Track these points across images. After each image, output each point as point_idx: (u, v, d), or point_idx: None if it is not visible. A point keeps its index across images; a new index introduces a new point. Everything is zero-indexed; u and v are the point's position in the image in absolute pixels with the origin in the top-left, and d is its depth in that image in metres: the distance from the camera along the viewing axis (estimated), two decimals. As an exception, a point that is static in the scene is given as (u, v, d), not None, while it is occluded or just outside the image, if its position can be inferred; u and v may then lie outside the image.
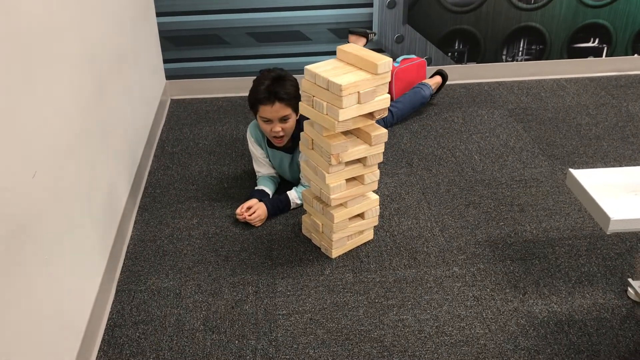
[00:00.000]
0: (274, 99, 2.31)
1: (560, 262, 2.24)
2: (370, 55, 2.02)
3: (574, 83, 3.69)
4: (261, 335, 1.96)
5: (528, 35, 3.64)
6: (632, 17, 3.63)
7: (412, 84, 3.38)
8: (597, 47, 3.73)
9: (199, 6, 3.40)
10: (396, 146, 3.02)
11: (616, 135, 3.09)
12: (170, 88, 3.61)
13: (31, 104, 1.58)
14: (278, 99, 2.31)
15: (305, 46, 3.54)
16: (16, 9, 1.52)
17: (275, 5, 3.43)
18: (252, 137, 2.61)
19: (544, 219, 2.48)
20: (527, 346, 1.90)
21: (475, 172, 2.81)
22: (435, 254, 2.30)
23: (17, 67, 1.50)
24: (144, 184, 2.76)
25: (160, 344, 1.93)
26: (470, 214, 2.52)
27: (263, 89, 2.30)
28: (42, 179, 1.60)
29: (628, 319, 2.00)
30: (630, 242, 2.33)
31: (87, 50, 2.09)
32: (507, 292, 2.11)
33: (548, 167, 2.84)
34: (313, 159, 2.18)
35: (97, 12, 2.27)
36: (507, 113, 3.35)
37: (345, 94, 1.91)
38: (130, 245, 2.37)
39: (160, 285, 2.16)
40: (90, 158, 2.05)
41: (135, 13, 2.94)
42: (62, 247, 1.73)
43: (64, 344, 1.71)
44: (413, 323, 1.99)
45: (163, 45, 3.50)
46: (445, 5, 3.51)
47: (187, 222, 2.49)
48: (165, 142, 3.13)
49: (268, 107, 2.33)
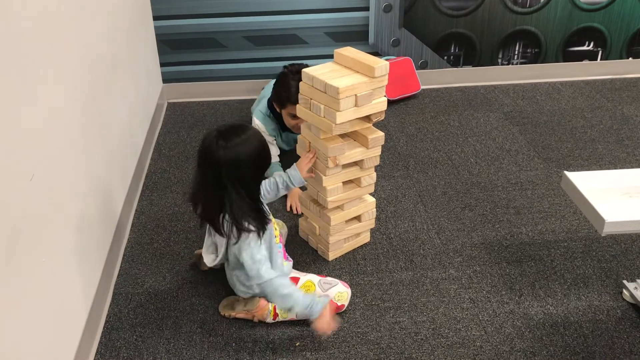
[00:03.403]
0: None
1: (555, 264, 2.25)
2: (368, 58, 2.03)
3: (569, 86, 3.71)
4: (258, 338, 1.96)
5: (523, 39, 3.66)
6: (626, 21, 3.65)
7: (400, 80, 3.45)
8: (592, 50, 3.75)
9: (196, 10, 3.41)
10: (393, 149, 3.03)
11: (611, 138, 3.11)
12: (167, 91, 3.61)
13: (28, 108, 1.58)
14: None
15: (302, 49, 3.55)
16: (13, 12, 1.52)
17: (272, 9, 3.44)
18: (262, 125, 2.70)
19: (540, 222, 2.49)
20: (523, 348, 1.91)
21: (471, 174, 2.82)
22: (432, 256, 2.30)
23: (13, 71, 1.50)
24: (141, 187, 2.76)
25: (157, 346, 1.93)
26: (467, 216, 2.53)
27: (295, 90, 2.30)
28: (39, 181, 1.60)
29: (623, 320, 2.01)
30: (625, 244, 2.35)
31: (84, 53, 2.10)
32: (503, 294, 2.12)
33: (543, 169, 2.85)
34: (310, 161, 2.19)
35: (94, 15, 2.28)
36: (502, 116, 3.37)
37: (343, 97, 1.92)
38: (128, 247, 2.37)
39: (158, 288, 2.17)
40: (87, 161, 2.05)
41: (132, 16, 2.95)
42: (59, 250, 1.74)
43: (61, 346, 1.71)
44: (409, 325, 1.99)
45: (160, 48, 3.50)
46: (441, 9, 3.53)
47: (184, 224, 2.50)
48: (162, 145, 3.13)
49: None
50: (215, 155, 1.77)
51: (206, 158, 1.80)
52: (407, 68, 3.55)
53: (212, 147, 1.78)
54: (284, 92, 2.51)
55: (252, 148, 1.81)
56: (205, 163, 1.81)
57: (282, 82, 2.53)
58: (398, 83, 3.46)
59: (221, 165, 1.77)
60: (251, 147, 1.80)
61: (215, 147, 1.77)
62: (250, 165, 1.80)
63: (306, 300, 1.83)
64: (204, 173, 1.83)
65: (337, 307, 2.00)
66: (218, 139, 1.78)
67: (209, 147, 1.79)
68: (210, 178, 1.80)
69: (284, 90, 2.51)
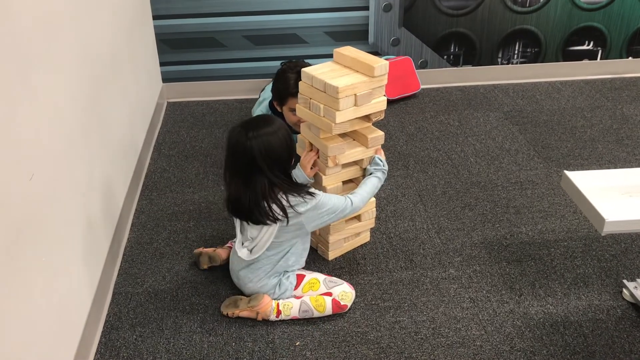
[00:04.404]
0: None
1: (555, 264, 2.25)
2: (367, 57, 2.03)
3: (569, 86, 3.71)
4: (258, 337, 1.96)
5: (523, 38, 3.66)
6: (626, 20, 3.65)
7: (400, 79, 3.44)
8: (591, 49, 3.75)
9: (196, 9, 3.41)
10: (392, 149, 3.03)
11: (611, 138, 3.11)
12: (167, 91, 3.61)
13: (28, 107, 1.58)
14: None
15: (301, 49, 3.55)
16: (13, 12, 1.52)
17: (272, 8, 3.43)
18: None
19: (540, 221, 2.49)
20: (523, 347, 1.91)
21: (471, 174, 2.82)
22: (432, 256, 2.30)
23: (13, 70, 1.50)
24: (141, 187, 2.76)
25: (157, 346, 1.93)
26: (466, 216, 2.53)
27: (293, 82, 2.35)
28: (39, 181, 1.60)
29: (623, 320, 2.01)
30: (625, 243, 2.35)
31: (83, 53, 2.09)
32: (503, 294, 2.12)
33: (543, 169, 2.85)
34: (310, 161, 2.18)
35: (94, 15, 2.27)
36: (502, 115, 3.37)
37: (342, 96, 1.92)
38: (127, 247, 2.37)
39: (157, 288, 2.17)
40: (87, 160, 2.05)
41: (132, 16, 2.94)
42: (59, 250, 1.73)
43: (61, 346, 1.71)
44: (409, 325, 1.99)
45: (160, 48, 3.50)
46: (441, 9, 3.53)
47: (184, 224, 2.50)
48: (162, 144, 3.13)
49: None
50: (248, 145, 1.81)
51: (239, 151, 1.83)
52: (407, 67, 3.55)
53: (243, 139, 1.82)
54: (282, 86, 2.49)
55: (282, 135, 1.86)
56: (239, 157, 1.84)
57: (281, 77, 2.51)
58: (398, 82, 3.46)
59: (255, 153, 1.81)
60: (282, 135, 1.86)
61: (245, 139, 1.81)
62: (283, 151, 1.86)
63: (375, 182, 2.11)
64: (239, 168, 1.86)
65: (340, 307, 2.00)
66: (247, 131, 1.82)
67: (239, 141, 1.83)
68: (247, 170, 1.84)
69: (282, 84, 2.49)
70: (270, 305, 1.98)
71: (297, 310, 1.98)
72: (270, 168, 1.83)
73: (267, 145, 1.82)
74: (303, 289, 2.03)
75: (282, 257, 2.00)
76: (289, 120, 2.61)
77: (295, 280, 2.05)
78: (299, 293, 2.03)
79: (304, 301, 1.99)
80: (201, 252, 2.22)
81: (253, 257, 1.97)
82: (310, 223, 1.95)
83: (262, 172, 1.83)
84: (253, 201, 1.85)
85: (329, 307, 1.99)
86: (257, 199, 1.84)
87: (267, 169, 1.83)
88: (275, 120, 1.91)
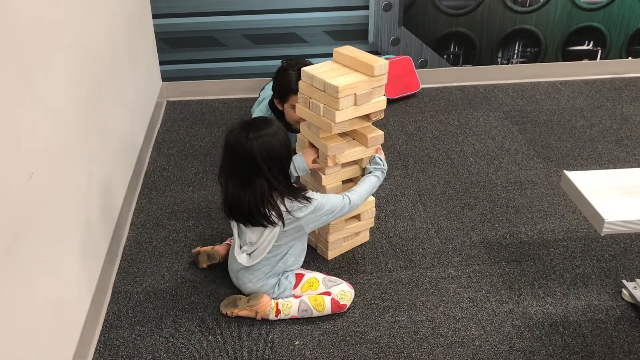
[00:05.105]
0: None
1: (555, 264, 2.25)
2: (367, 57, 2.03)
3: (569, 85, 3.71)
4: (257, 336, 1.96)
5: (523, 38, 3.66)
6: (626, 20, 3.65)
7: (400, 79, 3.44)
8: (591, 49, 3.75)
9: (195, 8, 3.40)
10: (392, 148, 3.03)
11: (610, 138, 3.11)
12: (166, 90, 3.61)
13: (27, 106, 1.58)
14: None
15: (301, 48, 3.55)
16: (12, 11, 1.52)
17: (272, 7, 3.43)
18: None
19: (539, 221, 2.49)
20: (522, 347, 1.91)
21: (471, 174, 2.82)
22: (431, 255, 2.30)
23: (13, 69, 1.50)
24: (140, 186, 2.75)
25: (156, 345, 1.93)
26: (466, 215, 2.53)
27: (295, 79, 2.35)
28: (38, 180, 1.60)
29: (622, 320, 2.01)
30: (625, 243, 2.35)
31: (83, 52, 2.09)
32: (503, 294, 2.12)
33: (543, 169, 2.85)
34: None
35: (93, 13, 2.27)
36: (502, 115, 3.36)
37: (342, 96, 1.92)
38: (127, 246, 2.37)
39: (157, 287, 2.16)
40: (87, 160, 2.05)
41: (132, 15, 2.94)
42: (58, 249, 1.73)
43: (60, 345, 1.71)
44: (409, 324, 1.99)
45: (159, 47, 3.50)
46: (440, 8, 3.53)
47: (183, 223, 2.49)
48: (162, 143, 3.13)
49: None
50: (248, 146, 1.80)
51: (238, 152, 1.82)
52: (407, 67, 3.55)
53: (242, 140, 1.81)
54: (284, 83, 2.48)
55: (282, 136, 1.86)
56: (238, 158, 1.83)
57: (282, 74, 2.50)
58: (398, 82, 3.46)
59: (255, 153, 1.80)
60: (281, 136, 1.85)
61: (245, 139, 1.80)
62: (283, 152, 1.85)
63: (373, 181, 2.10)
64: (238, 170, 1.85)
65: (339, 306, 2.00)
66: (247, 132, 1.81)
67: (238, 142, 1.82)
68: (246, 171, 1.83)
69: (284, 81, 2.48)
70: (269, 305, 1.98)
71: (296, 309, 1.98)
72: (270, 169, 1.83)
73: (268, 146, 1.81)
74: (302, 288, 2.03)
75: (281, 259, 2.00)
76: (290, 118, 2.59)
77: (294, 279, 2.05)
78: (298, 292, 2.03)
79: (303, 300, 1.99)
80: (199, 251, 2.21)
81: (253, 262, 1.97)
82: (309, 225, 1.95)
83: (261, 173, 1.82)
84: (252, 202, 1.84)
85: (328, 307, 1.99)
86: (256, 200, 1.84)
87: (267, 170, 1.82)
88: (274, 122, 1.90)
